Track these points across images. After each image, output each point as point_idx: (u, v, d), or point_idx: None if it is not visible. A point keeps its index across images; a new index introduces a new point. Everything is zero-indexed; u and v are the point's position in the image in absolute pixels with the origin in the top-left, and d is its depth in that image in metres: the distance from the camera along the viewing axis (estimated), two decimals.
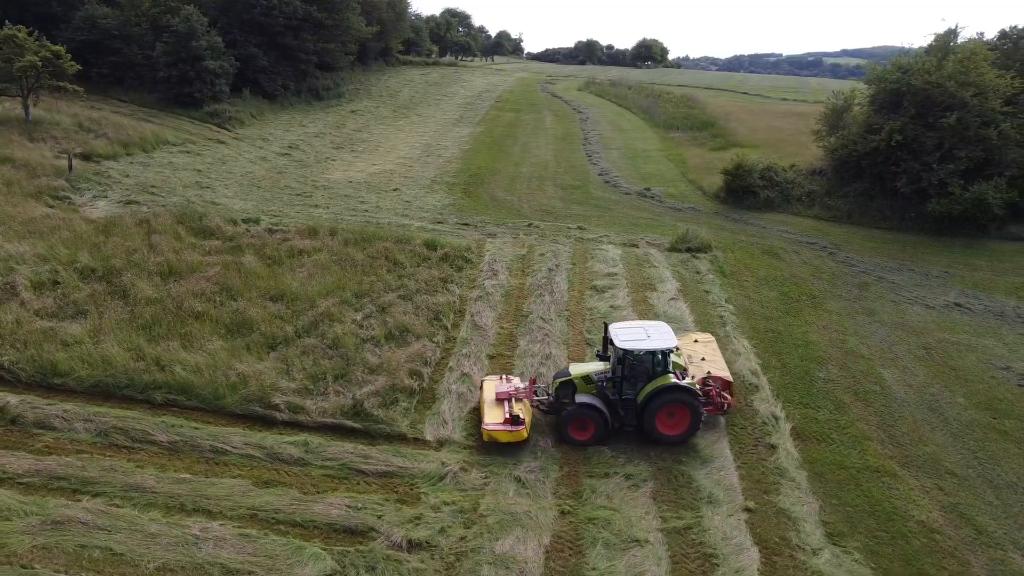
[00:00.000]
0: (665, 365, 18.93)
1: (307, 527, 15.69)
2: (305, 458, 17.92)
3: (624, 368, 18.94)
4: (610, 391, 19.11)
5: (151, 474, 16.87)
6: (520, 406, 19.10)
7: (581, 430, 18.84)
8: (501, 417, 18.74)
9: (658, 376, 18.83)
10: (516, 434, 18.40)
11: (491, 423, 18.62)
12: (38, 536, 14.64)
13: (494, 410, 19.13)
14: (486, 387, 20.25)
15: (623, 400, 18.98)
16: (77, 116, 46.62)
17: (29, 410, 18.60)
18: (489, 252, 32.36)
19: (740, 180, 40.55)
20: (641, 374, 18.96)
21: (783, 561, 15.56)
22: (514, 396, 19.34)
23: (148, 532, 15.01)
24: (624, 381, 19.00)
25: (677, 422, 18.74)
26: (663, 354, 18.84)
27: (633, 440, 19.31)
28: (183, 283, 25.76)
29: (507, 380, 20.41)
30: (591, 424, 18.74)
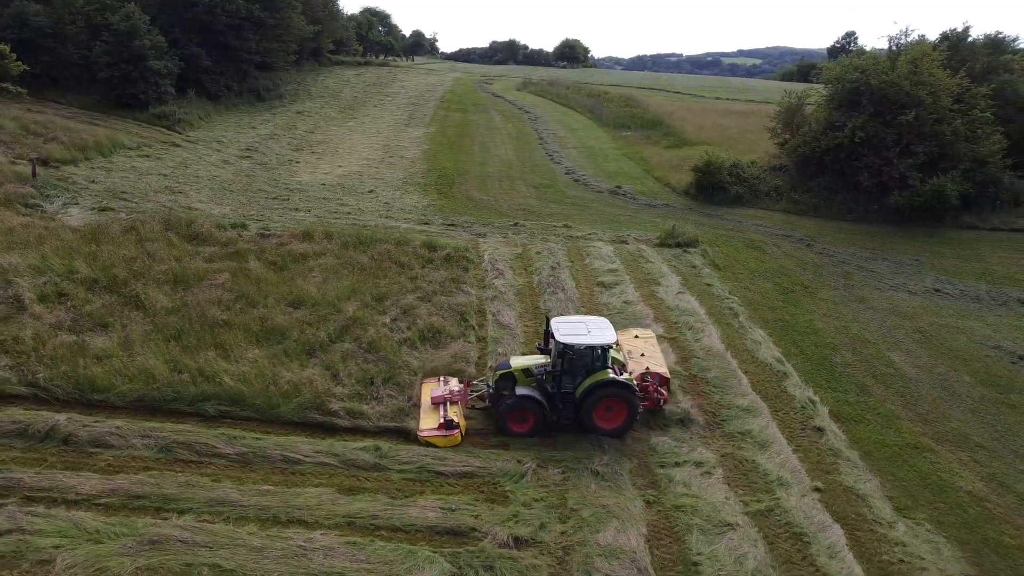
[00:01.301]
0: (604, 360, 19.28)
1: (408, 531, 15.56)
2: (381, 463, 17.71)
3: (564, 362, 19.21)
4: (549, 384, 19.41)
5: (230, 487, 16.35)
6: (455, 409, 19.34)
7: (520, 422, 19.11)
8: (435, 422, 18.88)
9: (597, 371, 19.16)
10: (450, 439, 18.55)
11: (425, 428, 18.77)
12: (138, 558, 14.02)
13: (429, 415, 19.27)
14: (423, 390, 20.34)
15: (562, 393, 19.30)
16: (19, 119, 43.97)
17: (80, 428, 17.69)
18: (486, 252, 32.44)
19: (710, 177, 41.96)
20: (580, 368, 19.26)
21: (865, 535, 16.42)
22: (449, 400, 19.53)
23: (251, 546, 14.58)
24: (564, 375, 19.28)
25: (614, 416, 19.10)
26: (603, 349, 19.18)
27: (693, 429, 19.94)
28: (196, 291, 24.87)
29: (444, 382, 20.60)
30: (530, 416, 19.07)
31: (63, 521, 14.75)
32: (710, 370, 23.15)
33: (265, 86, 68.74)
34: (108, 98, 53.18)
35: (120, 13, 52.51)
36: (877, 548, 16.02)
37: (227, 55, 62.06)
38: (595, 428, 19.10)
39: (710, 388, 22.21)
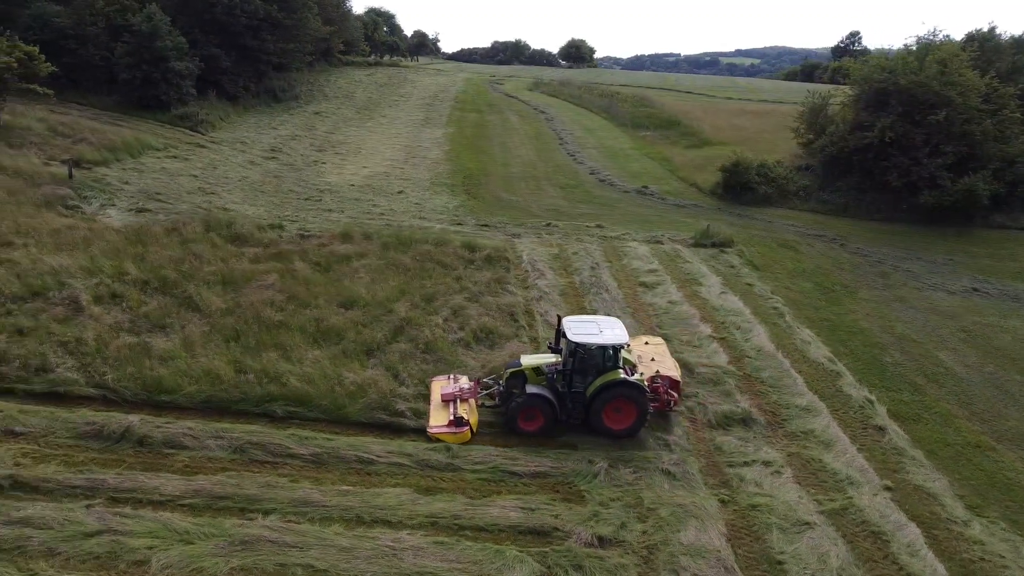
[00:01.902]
0: (615, 360, 19.22)
1: (491, 531, 15.61)
2: (454, 463, 17.77)
3: (575, 361, 19.14)
4: (559, 383, 19.36)
5: (310, 488, 16.39)
6: (465, 407, 19.36)
7: (529, 420, 19.04)
8: (445, 419, 18.91)
9: (608, 371, 19.10)
10: (460, 436, 18.57)
11: (435, 425, 18.80)
12: (231, 558, 14.06)
13: (439, 412, 19.29)
14: (433, 388, 20.37)
15: (572, 393, 19.23)
16: (45, 120, 43.99)
17: (153, 430, 17.72)
18: (524, 253, 32.51)
19: (738, 177, 42.10)
20: (591, 368, 19.18)
21: (942, 534, 16.51)
22: (459, 397, 19.55)
23: (340, 547, 14.62)
24: (574, 374, 19.21)
25: (623, 417, 19.02)
26: (614, 349, 19.12)
27: (756, 429, 20.03)
28: (248, 293, 24.92)
29: (454, 380, 20.60)
30: (539, 415, 19.00)
31: (152, 522, 14.78)
32: (764, 370, 23.24)
33: (281, 87, 68.71)
34: (129, 99, 53.12)
35: (142, 14, 52.46)
36: (955, 547, 16.12)
37: (245, 56, 62.01)
38: (603, 428, 19.05)
39: (766, 388, 22.30)
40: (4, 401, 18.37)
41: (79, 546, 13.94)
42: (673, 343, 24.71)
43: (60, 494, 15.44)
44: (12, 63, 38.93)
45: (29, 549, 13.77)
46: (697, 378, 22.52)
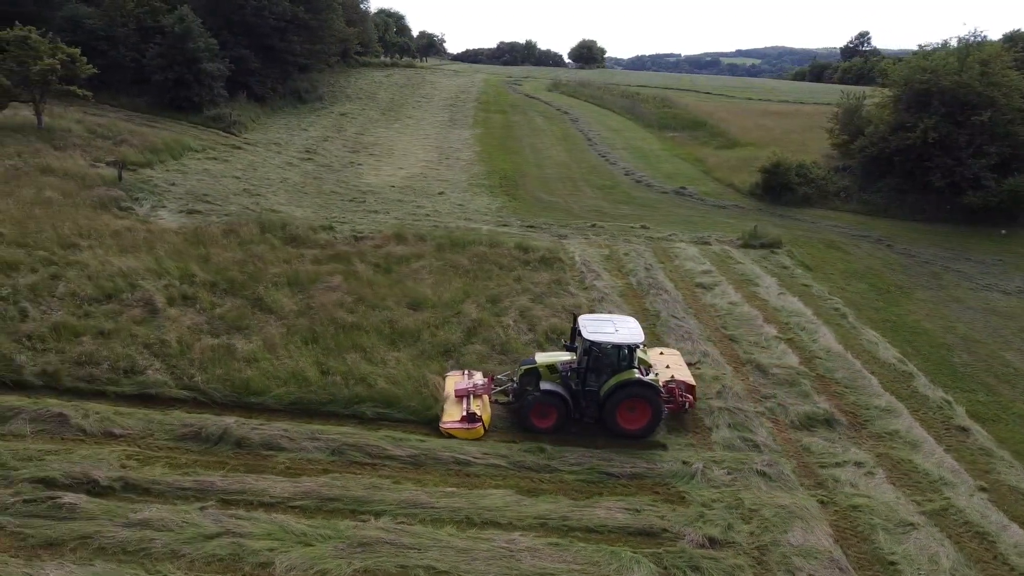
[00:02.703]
0: (631, 360, 19.06)
1: (601, 532, 15.61)
2: (550, 464, 17.78)
3: (590, 359, 19.01)
4: (574, 381, 19.24)
5: (414, 489, 16.39)
6: (478, 403, 19.27)
7: (542, 417, 18.90)
8: (458, 415, 18.84)
9: (623, 370, 18.96)
10: (472, 432, 18.50)
11: (448, 421, 18.72)
12: (353, 560, 14.07)
13: (452, 408, 19.21)
14: (447, 383, 20.29)
15: (586, 391, 19.10)
16: (83, 122, 44.16)
17: (250, 431, 17.73)
18: (575, 253, 32.53)
19: (779, 177, 42.13)
20: (606, 367, 19.08)
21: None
22: (472, 392, 19.46)
23: (458, 548, 14.62)
24: (589, 372, 19.10)
25: (637, 417, 18.90)
26: (629, 349, 18.99)
27: (840, 430, 20.04)
28: (317, 294, 24.95)
29: (468, 376, 20.51)
30: (553, 412, 18.87)
31: (267, 523, 14.79)
32: (836, 371, 23.24)
33: (305, 88, 68.90)
34: (161, 101, 53.31)
35: (174, 15, 52.53)
36: None
37: (272, 57, 62.17)
38: (617, 427, 18.89)
39: (842, 388, 22.30)
40: (97, 403, 18.39)
41: (201, 548, 13.94)
42: (741, 344, 24.78)
43: (171, 496, 15.44)
44: (56, 65, 38.95)
45: (153, 551, 13.77)
46: (772, 379, 22.53)
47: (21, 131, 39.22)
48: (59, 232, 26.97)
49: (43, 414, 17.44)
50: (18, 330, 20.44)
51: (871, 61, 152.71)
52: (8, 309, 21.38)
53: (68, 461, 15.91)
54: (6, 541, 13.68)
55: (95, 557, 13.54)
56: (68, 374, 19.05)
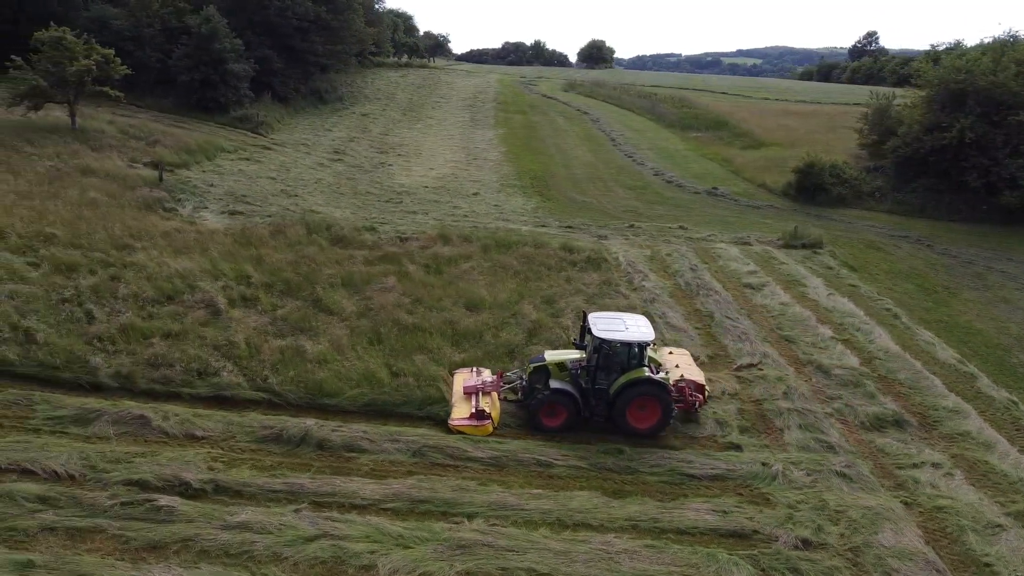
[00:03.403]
0: (641, 358, 18.88)
1: (693, 534, 15.58)
2: (631, 466, 17.75)
3: (600, 358, 18.83)
4: (583, 379, 19.06)
5: (501, 491, 16.34)
6: (487, 400, 19.15)
7: (552, 416, 18.75)
8: (467, 412, 18.70)
9: (633, 368, 18.79)
10: (481, 428, 18.38)
11: (457, 418, 18.61)
12: (454, 562, 14.03)
13: (461, 405, 19.07)
14: (456, 380, 20.17)
15: (596, 390, 18.89)
16: (115, 123, 44.11)
17: (330, 433, 17.68)
18: (618, 254, 32.48)
19: (813, 177, 42.07)
20: (616, 365, 18.88)
21: None
22: (481, 390, 19.31)
23: (555, 550, 14.57)
24: (599, 371, 18.89)
25: (647, 415, 18.73)
26: (640, 347, 18.81)
27: (910, 431, 19.99)
28: (372, 295, 24.93)
29: (477, 373, 20.36)
30: (562, 410, 18.71)
31: (363, 526, 14.75)
32: (898, 371, 23.19)
33: (325, 88, 68.77)
34: (187, 101, 53.23)
35: (200, 15, 52.49)
36: None
37: (294, 57, 62.08)
38: (627, 426, 18.72)
39: (906, 389, 22.25)
40: (173, 405, 18.34)
41: (302, 550, 13.91)
42: (798, 345, 24.73)
43: (263, 498, 15.41)
44: (91, 65, 38.92)
45: (255, 554, 13.74)
46: (835, 380, 22.48)
47: (56, 132, 39.16)
48: (111, 233, 26.90)
49: (124, 416, 17.40)
50: (87, 332, 20.41)
51: (881, 61, 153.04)
52: (75, 311, 21.33)
53: (157, 463, 15.87)
54: (109, 544, 13.64)
55: (199, 560, 13.51)
56: (142, 376, 19.02)
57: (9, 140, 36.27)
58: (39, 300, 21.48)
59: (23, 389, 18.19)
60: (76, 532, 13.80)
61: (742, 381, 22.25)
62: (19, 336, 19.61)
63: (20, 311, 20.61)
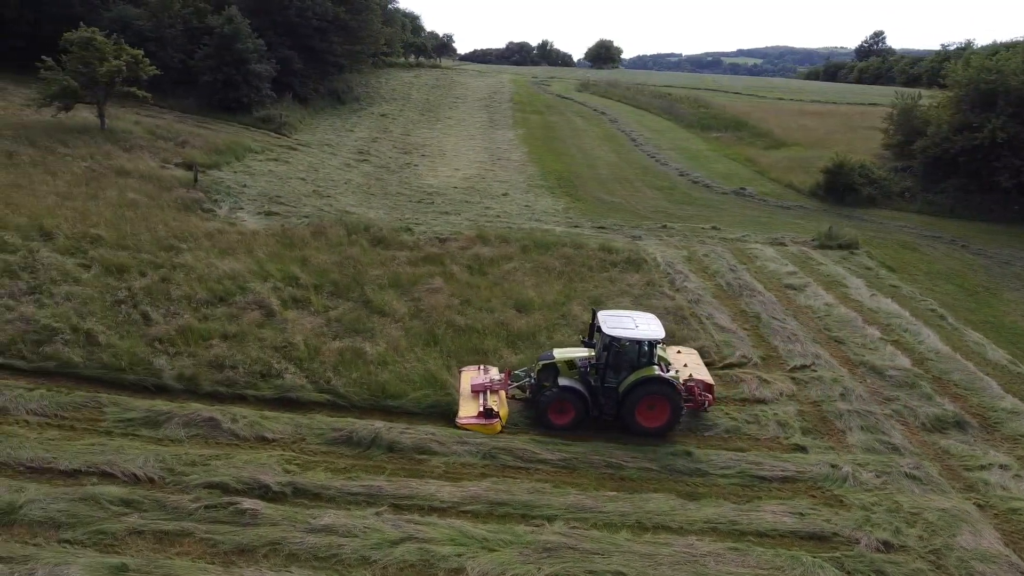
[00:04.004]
0: (651, 356, 18.75)
1: (773, 536, 15.50)
2: (700, 468, 17.67)
3: (609, 355, 18.68)
4: (592, 377, 18.87)
5: (578, 493, 16.26)
6: (495, 398, 19.03)
7: (560, 414, 18.57)
8: (475, 410, 18.58)
9: (643, 367, 18.64)
10: (489, 427, 18.23)
11: (465, 416, 18.47)
12: (542, 565, 13.94)
13: (469, 403, 18.94)
14: (463, 378, 20.04)
15: (604, 388, 18.74)
16: (141, 123, 44.08)
17: (399, 435, 17.58)
18: (655, 255, 32.41)
19: (842, 178, 42.02)
20: (626, 363, 18.76)
21: None
22: (489, 388, 19.20)
23: (640, 553, 14.49)
24: (608, 369, 18.74)
25: (656, 415, 18.55)
26: (650, 345, 18.67)
27: (972, 432, 19.93)
28: (421, 296, 24.89)
29: (484, 371, 20.27)
30: (571, 408, 18.54)
31: (446, 528, 14.67)
32: (951, 372, 23.12)
33: (342, 88, 68.73)
34: (210, 101, 53.14)
35: (222, 16, 52.42)
36: None
37: (313, 57, 62.04)
38: (636, 425, 18.55)
39: (962, 390, 22.18)
40: (239, 407, 18.26)
41: (390, 553, 13.83)
42: (848, 346, 24.67)
43: (342, 501, 15.33)
44: (122, 66, 38.86)
45: (343, 557, 13.66)
46: (890, 381, 22.42)
47: (87, 132, 39.10)
48: (155, 234, 26.84)
49: (194, 418, 17.33)
50: (147, 333, 20.34)
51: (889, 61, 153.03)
52: (131, 312, 21.26)
53: (233, 466, 15.79)
54: (198, 548, 13.56)
55: (289, 563, 13.44)
56: (206, 378, 18.93)
57: (42, 141, 36.20)
58: (95, 302, 21.41)
59: (89, 391, 18.12)
60: (164, 535, 13.71)
61: (798, 382, 22.19)
62: (80, 338, 19.54)
63: (79, 313, 20.52)
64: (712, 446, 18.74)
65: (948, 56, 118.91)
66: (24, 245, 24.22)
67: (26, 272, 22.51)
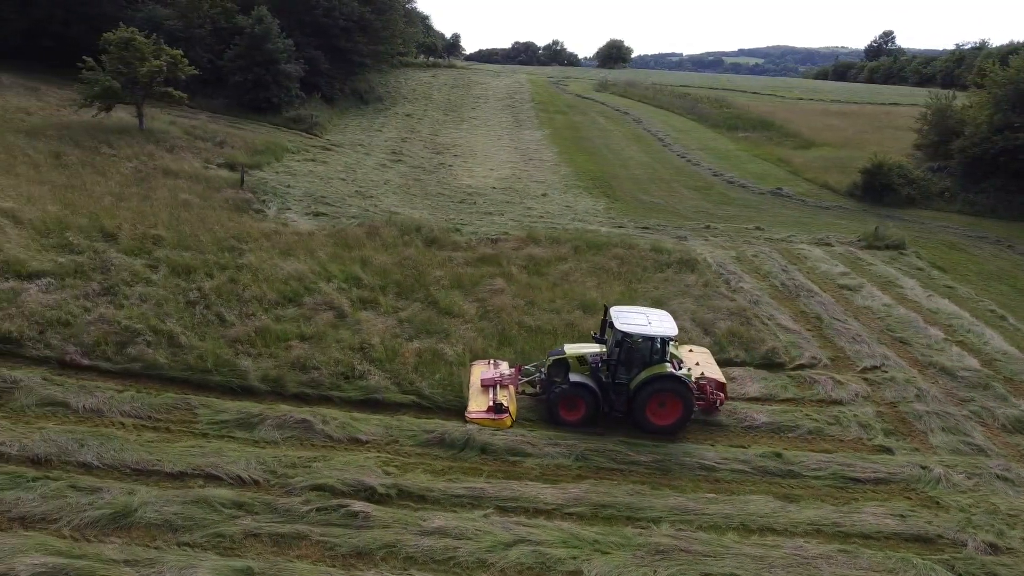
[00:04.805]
0: (663, 353, 18.55)
1: (878, 538, 15.44)
2: (792, 469, 17.62)
3: (621, 352, 18.45)
4: (604, 374, 18.66)
5: (677, 495, 16.23)
6: (505, 393, 18.91)
7: (571, 410, 18.40)
8: (485, 405, 18.44)
9: (655, 363, 18.45)
10: (499, 422, 18.08)
11: (474, 411, 18.33)
12: (657, 568, 13.89)
13: (478, 397, 18.83)
14: (473, 372, 19.92)
15: (616, 384, 18.53)
16: (176, 123, 44.00)
17: (490, 437, 17.52)
18: (705, 255, 32.33)
19: (881, 178, 41.93)
20: (638, 360, 18.55)
21: None
22: (499, 383, 19.09)
23: (751, 555, 14.43)
24: (619, 365, 18.52)
25: (667, 412, 18.35)
26: (662, 341, 18.44)
27: None
28: (487, 297, 24.82)
29: (494, 365, 20.14)
30: (582, 404, 18.35)
31: (555, 531, 14.62)
32: (1022, 373, 23.06)
33: (364, 88, 68.66)
34: (240, 102, 53.06)
35: (252, 16, 52.36)
36: None
37: (338, 58, 62.00)
38: (646, 423, 18.34)
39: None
40: (327, 408, 18.19)
41: (505, 556, 13.77)
42: (914, 347, 24.60)
43: (447, 503, 15.28)
44: (162, 66, 38.82)
45: (460, 559, 13.61)
46: (962, 382, 22.35)
47: (127, 132, 39.03)
48: (214, 235, 26.75)
49: (287, 420, 17.27)
50: (225, 334, 20.27)
51: (900, 60, 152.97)
52: (205, 314, 21.19)
53: (333, 468, 15.73)
54: (315, 551, 13.51)
55: (407, 566, 13.39)
56: (291, 379, 18.87)
57: (85, 141, 36.14)
58: (169, 303, 21.32)
59: (178, 393, 18.07)
60: (280, 538, 13.66)
61: (871, 383, 22.12)
62: (162, 339, 19.48)
63: (157, 314, 20.46)
64: (798, 448, 18.67)
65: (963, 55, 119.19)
66: (89, 246, 24.14)
67: (97, 273, 22.42)
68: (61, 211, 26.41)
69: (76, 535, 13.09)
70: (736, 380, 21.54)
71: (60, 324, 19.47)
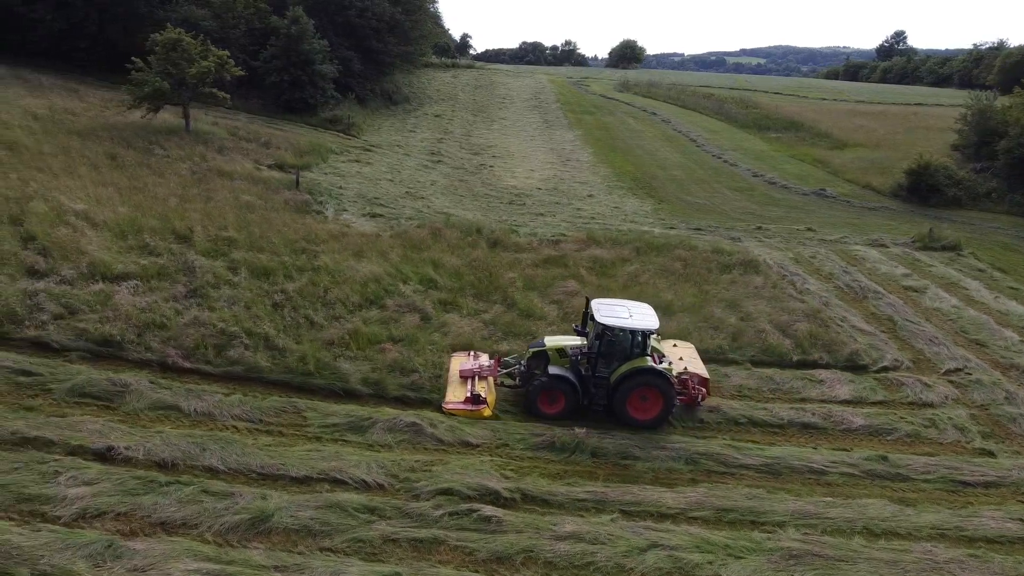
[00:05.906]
0: (644, 347, 18.32)
1: (1003, 542, 15.37)
2: (900, 472, 17.55)
3: (602, 344, 18.27)
4: (584, 367, 18.52)
5: (793, 499, 16.15)
6: (483, 385, 18.81)
7: (550, 403, 18.26)
8: (463, 396, 18.36)
9: (635, 357, 18.27)
10: (476, 413, 17.99)
11: (452, 401, 18.25)
12: (794, 572, 13.83)
13: (457, 388, 18.75)
14: (452, 363, 19.84)
15: (596, 377, 18.34)
16: (219, 124, 43.95)
17: (599, 441, 17.40)
18: (765, 256, 32.25)
19: (927, 179, 41.85)
20: (618, 353, 18.35)
21: None
22: (478, 374, 18.98)
23: (883, 560, 14.34)
24: (600, 358, 18.33)
25: (648, 406, 18.13)
26: (643, 335, 18.27)
27: None
28: (562, 299, 24.78)
29: (474, 357, 20.03)
30: (561, 397, 18.19)
31: (686, 535, 14.54)
32: None
33: (391, 89, 68.57)
34: (275, 102, 52.99)
35: (288, 16, 52.28)
36: None
37: (369, 58, 61.91)
38: (626, 417, 18.13)
39: None
40: (430, 412, 18.11)
41: (642, 561, 13.70)
42: (992, 349, 24.54)
43: (572, 507, 15.22)
44: (211, 67, 38.77)
45: (599, 565, 13.54)
46: None
47: (175, 134, 38.96)
48: (284, 237, 26.69)
49: (397, 424, 17.20)
50: (318, 337, 20.23)
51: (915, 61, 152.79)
52: (294, 316, 21.13)
53: (453, 472, 15.65)
54: (455, 556, 13.45)
55: (548, 571, 13.34)
56: (392, 382, 18.81)
57: (136, 142, 36.06)
58: (257, 305, 21.26)
59: (282, 396, 18.01)
60: (419, 543, 13.59)
61: (957, 386, 22.06)
62: (259, 342, 19.43)
63: (248, 317, 20.40)
64: (899, 450, 18.60)
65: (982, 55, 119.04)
66: (166, 248, 24.09)
67: (180, 275, 22.37)
68: (131, 213, 26.35)
69: (219, 540, 13.02)
70: (825, 383, 21.50)
71: (156, 327, 19.43)
